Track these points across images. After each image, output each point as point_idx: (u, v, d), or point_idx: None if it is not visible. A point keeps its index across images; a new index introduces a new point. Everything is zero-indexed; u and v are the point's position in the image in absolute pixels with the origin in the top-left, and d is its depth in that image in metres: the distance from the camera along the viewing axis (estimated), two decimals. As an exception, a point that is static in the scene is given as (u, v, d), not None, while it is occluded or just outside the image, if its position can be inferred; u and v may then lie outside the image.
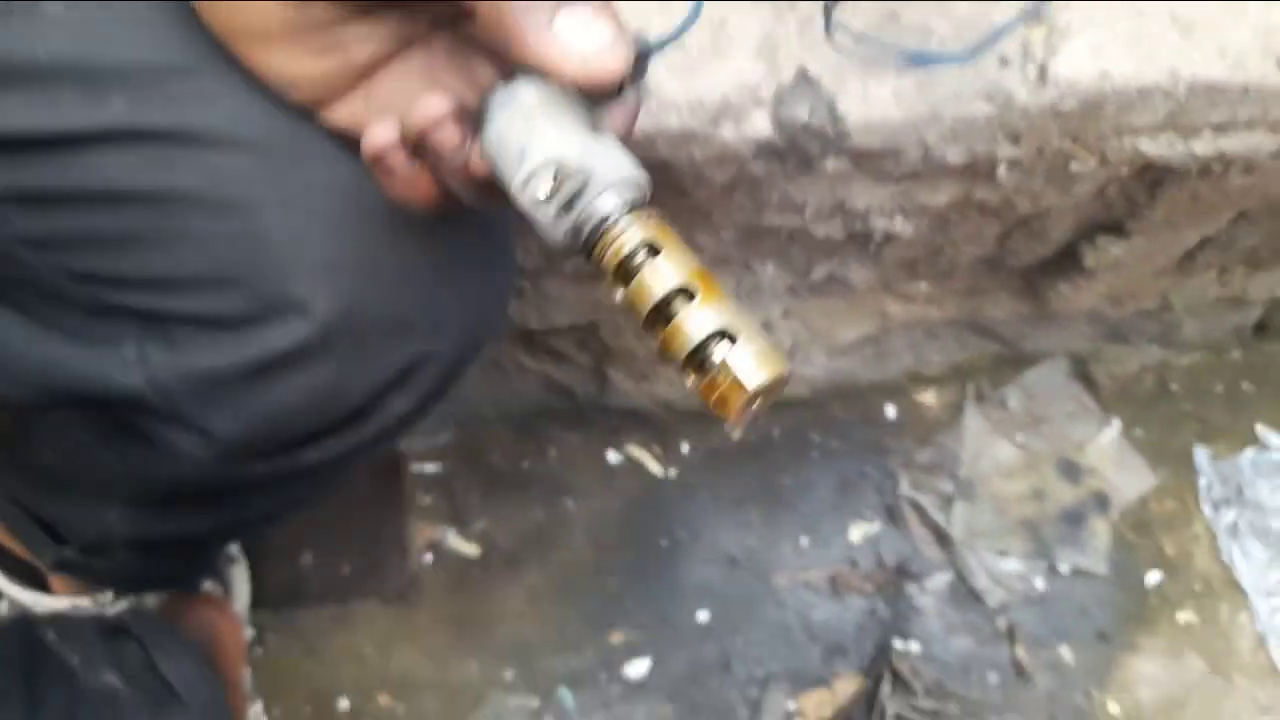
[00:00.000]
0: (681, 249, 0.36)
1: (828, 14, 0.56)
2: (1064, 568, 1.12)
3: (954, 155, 0.67)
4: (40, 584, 0.81)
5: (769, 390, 0.35)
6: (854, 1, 0.62)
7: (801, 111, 0.63)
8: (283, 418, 0.54)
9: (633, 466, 1.14)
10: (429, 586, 1.06)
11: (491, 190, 0.41)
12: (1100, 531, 1.13)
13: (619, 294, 0.37)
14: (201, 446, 0.55)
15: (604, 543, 1.11)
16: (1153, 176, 0.74)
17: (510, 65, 0.39)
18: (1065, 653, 1.10)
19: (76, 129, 0.46)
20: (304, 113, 0.46)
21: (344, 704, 1.00)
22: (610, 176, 0.37)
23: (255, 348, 0.50)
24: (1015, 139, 0.67)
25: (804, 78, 0.63)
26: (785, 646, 1.09)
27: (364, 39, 0.43)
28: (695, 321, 0.35)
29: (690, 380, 0.36)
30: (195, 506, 0.65)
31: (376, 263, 0.50)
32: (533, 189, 0.36)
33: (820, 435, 1.17)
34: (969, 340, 1.11)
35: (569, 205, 0.37)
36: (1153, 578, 1.12)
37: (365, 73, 0.44)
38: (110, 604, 0.81)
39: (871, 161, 0.68)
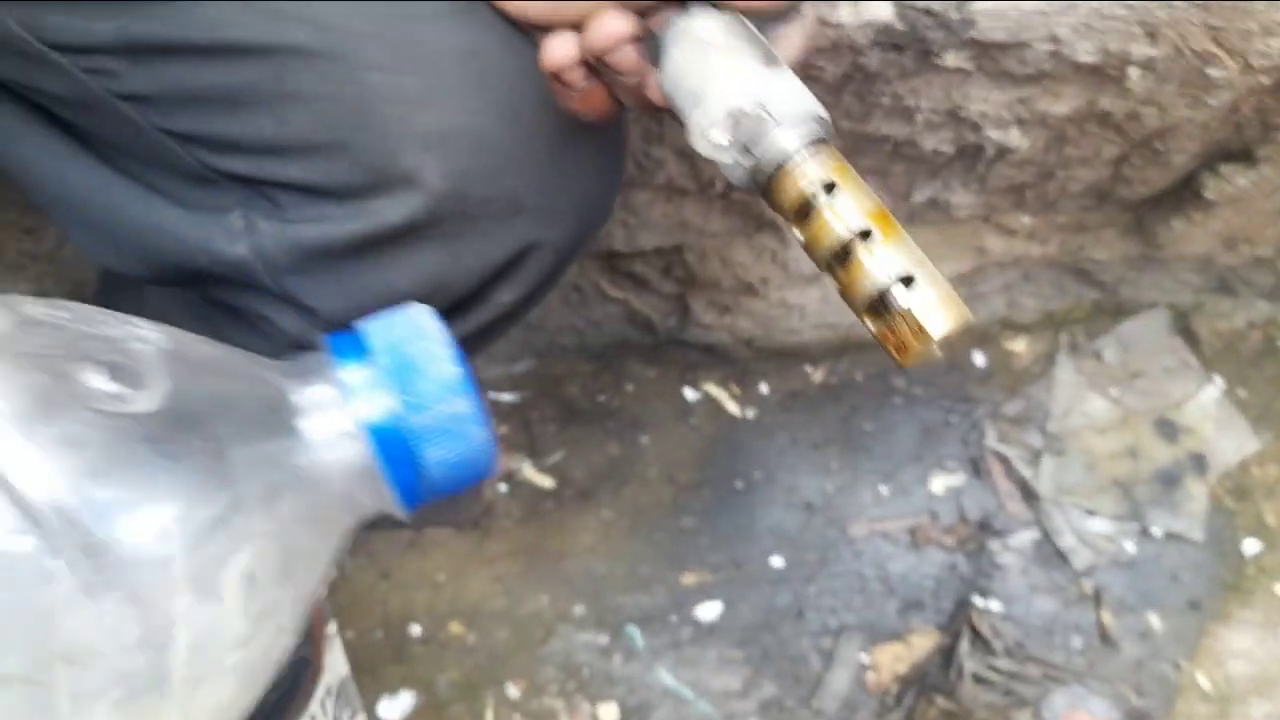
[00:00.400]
0: (862, 188, 0.35)
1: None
2: (1156, 531, 1.08)
3: (1084, 52, 0.63)
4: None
5: (949, 336, 0.34)
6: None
7: (927, -7, 0.59)
8: (389, 298, 0.51)
9: (710, 405, 1.11)
10: (502, 516, 1.04)
11: (663, 109, 0.40)
12: (1196, 495, 1.08)
13: (797, 233, 0.36)
14: (304, 326, 0.53)
15: (678, 481, 1.08)
16: (1294, 90, 0.69)
17: None
18: (1154, 620, 1.06)
19: None
20: None
21: (416, 630, 0.98)
22: (788, 114, 0.36)
23: (363, 220, 0.48)
24: (1153, 35, 0.62)
25: (931, -44, 0.59)
26: (860, 597, 1.06)
27: None
28: (877, 265, 0.34)
29: (869, 323, 0.35)
30: None
31: (490, 138, 0.48)
32: (712, 136, 0.36)
33: (904, 380, 1.13)
34: (1066, 285, 1.06)
35: (747, 147, 0.36)
36: (1251, 546, 1.07)
37: None
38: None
39: (995, 57, 0.64)
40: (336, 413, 0.33)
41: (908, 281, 0.34)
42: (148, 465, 0.30)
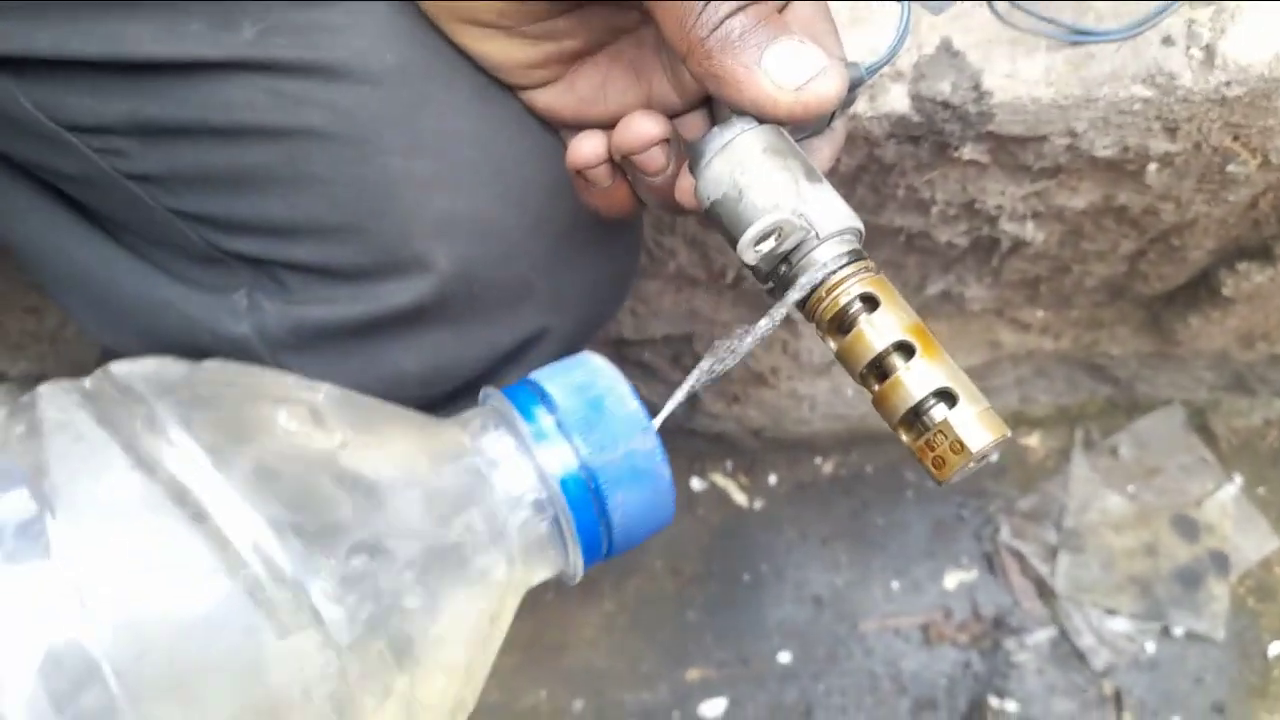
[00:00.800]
0: (899, 303, 0.36)
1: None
2: (1178, 631, 1.04)
3: (1102, 147, 0.63)
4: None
5: (987, 453, 0.35)
6: (1005, -28, 0.59)
7: (943, 86, 0.58)
8: (394, 381, 0.51)
9: (717, 495, 1.09)
10: (500, 606, 1.01)
11: (688, 211, 0.41)
12: (1218, 594, 1.05)
13: (833, 345, 0.37)
14: None
15: (684, 573, 1.05)
16: (1314, 188, 0.68)
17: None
18: (1176, 725, 1.02)
19: (202, 58, 0.44)
20: (445, 53, 0.45)
21: (405, 724, 0.95)
22: (828, 228, 0.36)
23: (372, 302, 0.47)
24: (1172, 131, 0.62)
25: (947, 50, 0.59)
26: (871, 697, 1.02)
27: (576, 28, 0.42)
28: (915, 379, 0.35)
29: (905, 437, 0.36)
30: None
31: (506, 224, 0.48)
32: (754, 247, 0.37)
33: (916, 474, 1.11)
34: (1080, 381, 1.05)
35: (787, 258, 0.37)
36: (1276, 648, 1.04)
37: (573, 60, 0.44)
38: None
39: (1012, 151, 0.63)
40: (522, 463, 0.32)
41: (946, 396, 0.35)
42: (341, 501, 0.29)
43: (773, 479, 1.10)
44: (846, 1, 0.59)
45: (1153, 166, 0.65)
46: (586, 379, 0.33)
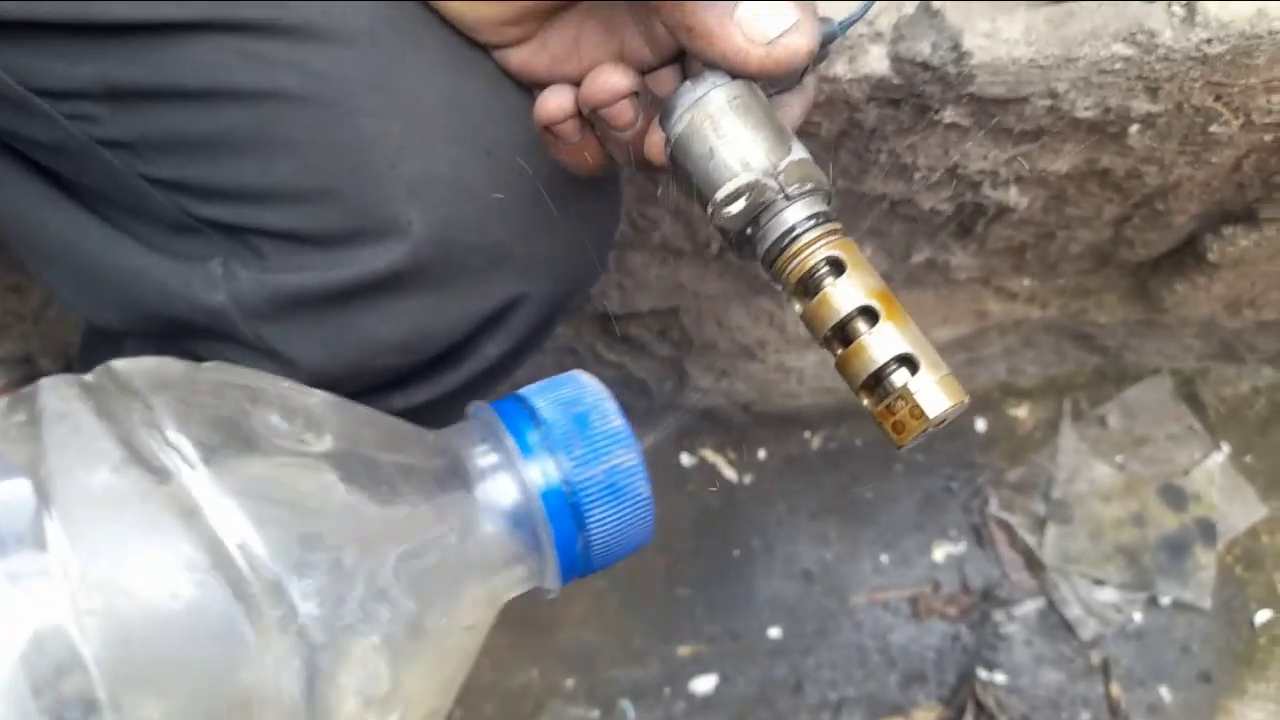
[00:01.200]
0: (865, 267, 0.36)
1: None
2: (1165, 600, 1.05)
3: (1083, 108, 0.62)
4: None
5: (946, 418, 0.35)
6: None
7: (923, 47, 0.58)
8: (371, 349, 0.50)
9: (706, 470, 1.09)
10: (489, 584, 1.01)
11: (658, 168, 0.40)
12: (1205, 563, 1.06)
13: (798, 307, 0.37)
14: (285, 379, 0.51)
15: (674, 550, 1.05)
16: (1296, 148, 0.68)
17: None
18: (1164, 693, 1.02)
19: (171, 18, 0.43)
20: (417, 13, 0.44)
21: (396, 702, 0.95)
22: (796, 189, 0.36)
23: (347, 268, 0.47)
24: (1154, 91, 0.61)
25: (926, 9, 0.58)
26: (861, 670, 1.03)
27: None
28: (877, 344, 0.35)
29: (866, 401, 0.36)
30: None
31: (480, 186, 0.47)
32: (721, 206, 0.36)
33: (905, 447, 1.11)
34: (1067, 350, 1.05)
35: (756, 218, 0.37)
36: (1262, 616, 1.04)
37: (545, 16, 0.43)
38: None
39: (993, 113, 0.63)
40: (506, 476, 0.32)
41: (907, 362, 0.35)
42: (327, 505, 0.30)
43: (762, 453, 1.10)
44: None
45: (1135, 128, 0.64)
46: (573, 395, 0.34)
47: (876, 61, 0.59)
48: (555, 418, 0.33)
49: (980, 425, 1.11)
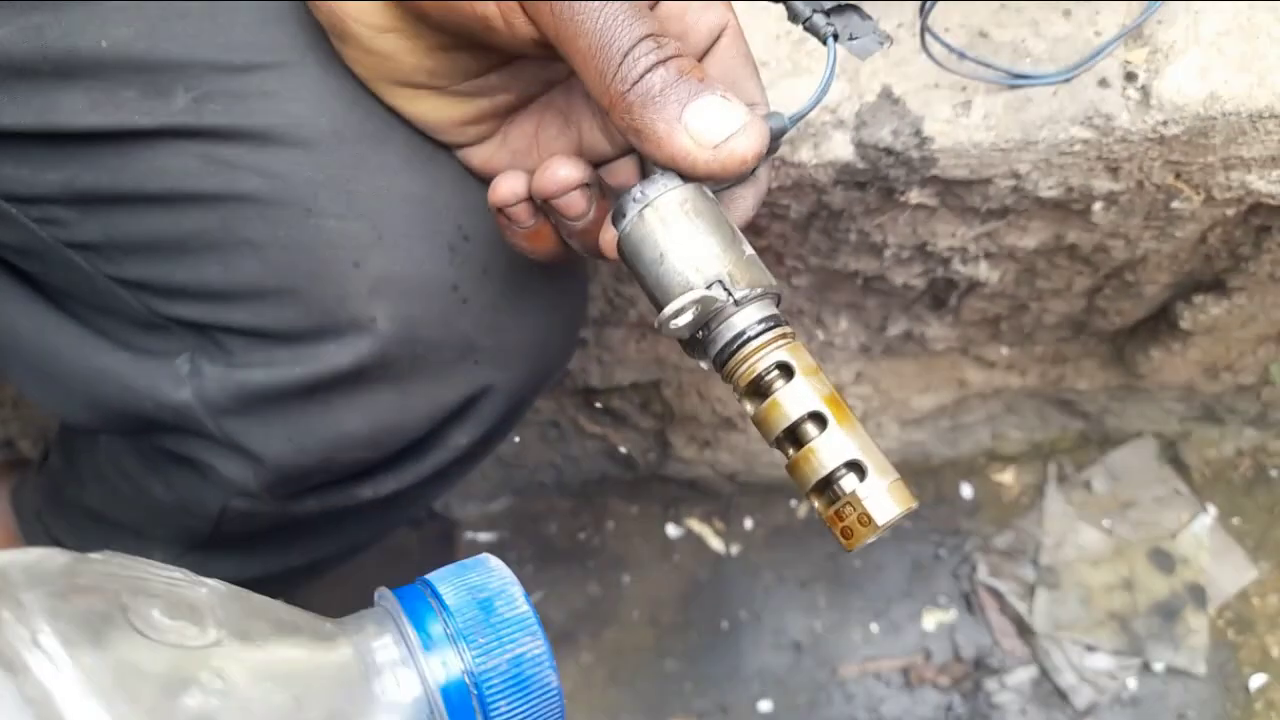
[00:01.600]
0: (815, 372, 0.37)
1: (924, 24, 0.53)
2: (1158, 666, 1.04)
3: (1047, 187, 0.63)
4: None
5: (895, 523, 0.36)
6: (941, 18, 0.60)
7: (885, 134, 0.59)
8: (338, 444, 0.50)
9: (693, 541, 1.08)
10: (475, 661, 1.01)
11: (610, 259, 0.41)
12: (1197, 628, 1.05)
13: (750, 409, 0.37)
14: (251, 473, 0.51)
15: (661, 622, 1.05)
16: (1260, 221, 0.69)
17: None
18: (1161, 761, 1.01)
19: (136, 126, 0.44)
20: (379, 114, 0.45)
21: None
22: (747, 294, 0.37)
23: (313, 364, 0.47)
24: (1114, 170, 0.62)
25: (888, 97, 0.59)
26: (854, 742, 1.02)
27: (508, 83, 0.43)
28: (826, 450, 0.35)
29: (816, 504, 0.36)
30: (240, 551, 0.62)
31: (444, 281, 0.48)
32: (670, 314, 0.37)
33: (892, 515, 1.11)
34: (1050, 416, 1.05)
35: (706, 324, 0.37)
36: (1257, 681, 1.03)
37: (505, 114, 0.45)
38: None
39: (958, 194, 0.64)
40: (407, 671, 0.32)
41: (856, 468, 0.35)
42: (203, 703, 0.29)
43: (748, 523, 1.09)
44: (788, 51, 0.60)
45: (1098, 205, 0.66)
46: (480, 580, 0.33)
47: (841, 148, 0.60)
48: (459, 604, 0.32)
49: (966, 491, 1.11)
